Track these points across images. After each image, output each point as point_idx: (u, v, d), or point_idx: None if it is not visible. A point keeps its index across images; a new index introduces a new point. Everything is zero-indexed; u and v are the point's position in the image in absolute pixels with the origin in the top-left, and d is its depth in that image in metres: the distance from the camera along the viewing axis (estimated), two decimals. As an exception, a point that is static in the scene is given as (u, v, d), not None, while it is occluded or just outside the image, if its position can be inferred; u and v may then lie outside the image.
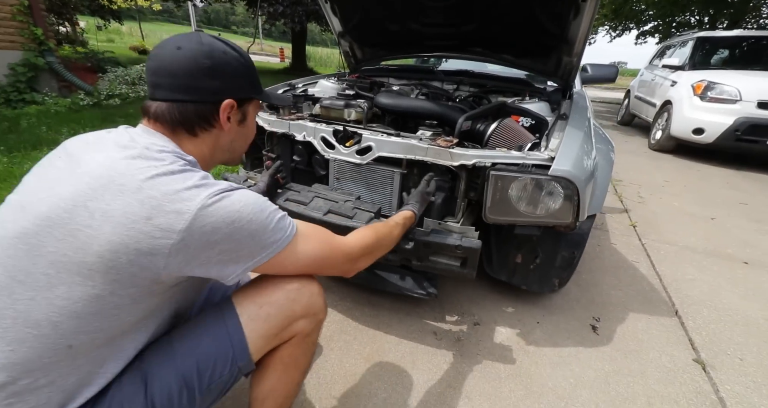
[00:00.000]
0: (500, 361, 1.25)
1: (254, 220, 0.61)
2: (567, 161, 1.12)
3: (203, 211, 0.56)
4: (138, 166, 0.57)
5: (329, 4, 1.97)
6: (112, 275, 0.53)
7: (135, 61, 6.43)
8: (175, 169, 0.59)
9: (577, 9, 1.46)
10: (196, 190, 0.57)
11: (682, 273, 1.93)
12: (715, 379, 1.24)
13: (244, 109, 0.73)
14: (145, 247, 0.53)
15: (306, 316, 0.73)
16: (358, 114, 1.45)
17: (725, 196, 3.33)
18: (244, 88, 0.72)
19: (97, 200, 0.53)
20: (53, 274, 0.52)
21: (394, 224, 0.94)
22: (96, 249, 0.52)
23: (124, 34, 18.27)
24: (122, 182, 0.55)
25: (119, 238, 0.52)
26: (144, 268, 0.54)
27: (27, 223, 0.54)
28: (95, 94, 4.02)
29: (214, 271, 0.60)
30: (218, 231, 0.57)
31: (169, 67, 0.64)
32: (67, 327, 0.53)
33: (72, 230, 0.53)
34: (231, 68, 0.68)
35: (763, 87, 4.14)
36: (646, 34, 12.11)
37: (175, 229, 0.54)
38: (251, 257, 0.62)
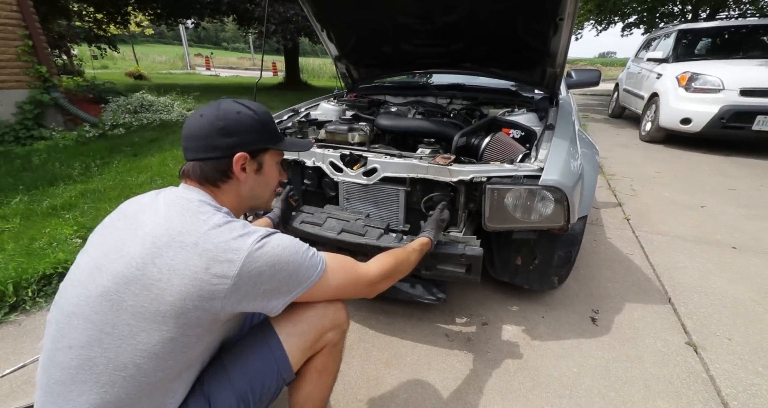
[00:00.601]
0: (509, 356, 1.37)
1: (291, 261, 0.71)
2: (555, 171, 1.24)
3: (250, 258, 0.66)
4: (190, 222, 0.68)
5: (325, 32, 2.11)
6: (182, 319, 0.63)
7: (133, 88, 6.59)
8: (219, 221, 0.69)
9: (556, 27, 1.59)
10: (241, 239, 0.68)
11: (674, 262, 2.05)
12: (706, 359, 1.35)
13: (260, 159, 0.82)
14: (206, 293, 0.64)
15: (333, 328, 0.85)
16: (361, 137, 1.57)
17: (714, 183, 3.45)
18: (257, 140, 0.80)
19: (162, 257, 0.64)
20: (134, 323, 0.62)
21: (411, 250, 1.03)
22: (168, 299, 0.62)
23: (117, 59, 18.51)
24: (181, 240, 0.65)
25: (185, 288, 0.63)
26: (206, 310, 0.65)
27: (107, 283, 0.64)
28: (100, 126, 4.16)
29: (260, 306, 0.71)
30: (263, 273, 0.68)
31: (192, 132, 0.76)
32: (148, 367, 0.63)
33: (146, 285, 0.63)
34: (244, 126, 0.78)
35: (744, 75, 4.29)
36: (631, 26, 12.31)
37: (229, 275, 0.65)
38: (290, 292, 0.73)
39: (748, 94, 4.19)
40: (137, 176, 3.07)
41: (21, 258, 1.78)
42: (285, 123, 1.92)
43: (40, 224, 2.20)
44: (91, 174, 3.11)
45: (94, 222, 2.25)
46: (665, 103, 4.78)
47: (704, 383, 1.25)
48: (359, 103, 2.13)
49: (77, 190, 2.75)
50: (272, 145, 0.84)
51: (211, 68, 19.68)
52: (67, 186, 2.83)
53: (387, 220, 1.43)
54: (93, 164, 3.27)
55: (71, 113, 4.34)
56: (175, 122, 4.98)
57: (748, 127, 4.21)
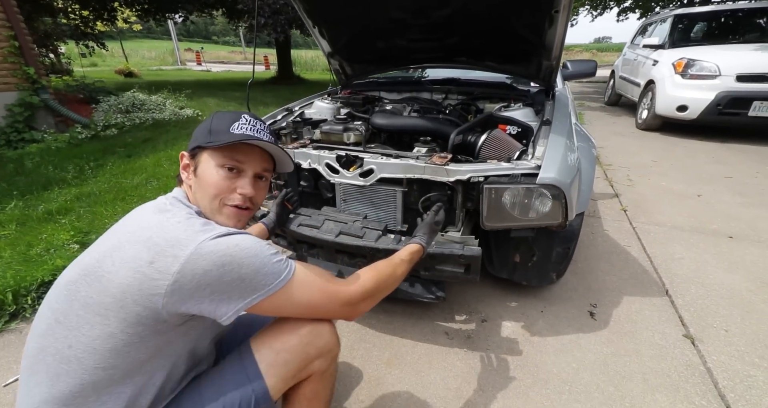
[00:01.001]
0: (508, 353, 1.38)
1: (246, 263, 0.65)
2: (552, 168, 1.24)
3: (196, 255, 0.62)
4: (157, 219, 0.68)
5: (317, 29, 2.07)
6: (122, 314, 0.61)
7: (123, 87, 6.50)
8: (180, 218, 0.68)
9: (551, 19, 1.57)
10: (194, 235, 0.65)
11: (670, 253, 2.06)
12: (703, 351, 1.37)
13: (196, 160, 0.79)
14: (146, 288, 0.61)
15: (321, 356, 0.79)
16: (356, 137, 1.56)
17: (711, 171, 3.46)
18: (197, 139, 0.80)
19: (119, 250, 0.64)
20: (82, 314, 0.62)
21: (399, 262, 0.93)
22: (111, 291, 0.62)
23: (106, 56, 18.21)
24: (140, 233, 0.65)
25: (127, 281, 0.61)
26: (146, 307, 0.62)
27: (72, 273, 0.66)
28: (92, 127, 4.10)
29: (207, 310, 0.65)
30: (209, 273, 0.63)
31: None
32: (88, 363, 0.61)
33: (98, 276, 0.63)
34: (198, 128, 0.82)
35: (740, 61, 4.27)
36: (626, 11, 12.18)
37: (171, 272, 0.61)
38: (242, 298, 0.66)
39: (744, 79, 4.18)
40: (132, 178, 3.04)
41: (19, 266, 1.77)
42: (279, 123, 1.90)
43: (36, 230, 2.18)
44: (85, 177, 3.08)
45: (90, 226, 2.24)
46: (661, 90, 4.76)
47: (701, 376, 1.27)
48: (354, 101, 2.11)
49: (72, 193, 2.72)
50: (203, 144, 0.77)
51: (202, 63, 19.42)
52: (61, 190, 2.81)
53: (385, 221, 1.42)
54: (87, 166, 3.24)
55: (62, 114, 4.28)
56: (167, 121, 4.92)
57: (745, 113, 4.20)
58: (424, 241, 1.05)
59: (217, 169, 0.77)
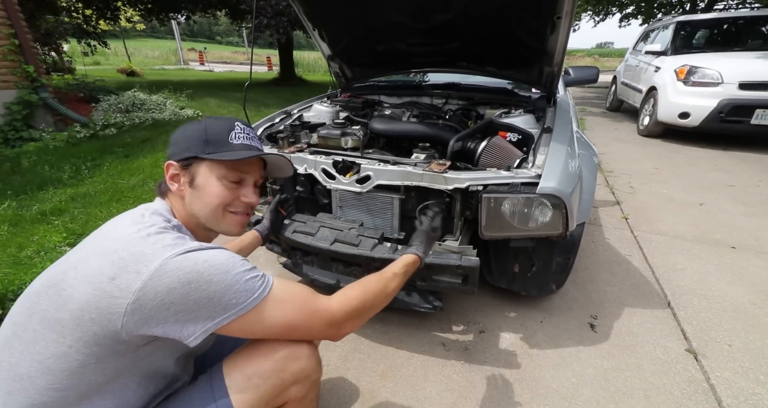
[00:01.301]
0: (506, 366, 1.35)
1: (215, 280, 0.60)
2: (553, 178, 1.20)
3: (160, 271, 0.57)
4: (127, 231, 0.63)
5: (317, 31, 2.05)
6: (77, 333, 0.57)
7: (125, 86, 6.48)
8: (152, 231, 0.63)
9: (553, 25, 1.54)
10: (162, 250, 0.60)
11: (673, 263, 2.03)
12: (706, 367, 1.34)
13: (192, 170, 0.75)
14: (105, 306, 0.56)
15: (298, 382, 0.73)
16: (354, 142, 1.53)
17: (713, 179, 3.43)
18: (189, 149, 0.75)
19: (84, 263, 0.60)
20: (38, 329, 0.58)
21: (391, 276, 0.86)
22: (69, 307, 0.57)
23: (109, 54, 18.24)
24: (107, 245, 0.61)
25: (86, 297, 0.56)
26: (104, 326, 0.56)
27: (38, 284, 0.63)
28: (91, 126, 4.08)
29: (171, 331, 0.60)
30: (173, 291, 0.58)
31: None
32: (40, 382, 0.57)
33: (59, 289, 0.59)
34: (183, 136, 0.77)
35: (743, 68, 4.25)
36: (629, 17, 12.20)
37: (132, 289, 0.56)
38: (210, 319, 0.61)
39: (747, 87, 4.15)
40: (129, 179, 3.02)
41: (8, 268, 1.74)
42: (277, 126, 1.87)
43: (28, 231, 2.15)
44: (81, 177, 3.05)
45: (84, 228, 2.21)
46: (663, 96, 4.74)
47: (705, 393, 1.23)
48: (353, 104, 2.08)
49: (67, 194, 2.69)
50: (204, 155, 0.74)
51: (205, 63, 19.46)
52: (56, 190, 2.78)
53: (382, 229, 1.39)
54: (84, 166, 3.21)
55: (61, 113, 4.25)
56: (167, 121, 4.90)
57: (747, 121, 4.18)
58: (420, 251, 0.98)
59: (219, 180, 0.76)
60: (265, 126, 1.84)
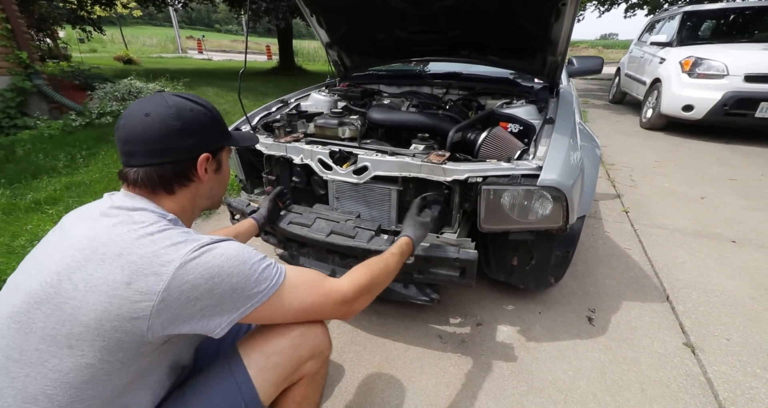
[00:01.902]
0: (503, 359, 1.34)
1: (235, 272, 0.62)
2: (554, 170, 1.18)
3: (181, 270, 0.58)
4: (119, 233, 0.60)
5: (315, 18, 1.99)
6: (98, 343, 0.55)
7: (121, 74, 6.39)
8: (153, 230, 0.61)
9: (558, 12, 1.50)
10: (174, 248, 0.59)
11: (672, 257, 2.02)
12: (704, 360, 1.33)
13: (219, 158, 0.79)
14: (126, 313, 0.55)
15: (312, 357, 0.77)
16: (352, 132, 1.50)
17: (715, 172, 3.40)
18: (215, 138, 0.77)
19: (80, 271, 0.56)
20: (44, 348, 0.55)
21: (389, 255, 0.93)
22: (82, 319, 0.55)
23: (106, 42, 17.96)
24: (103, 251, 0.58)
25: (102, 306, 0.55)
26: (128, 332, 0.56)
27: (18, 302, 0.57)
28: (86, 114, 4.01)
29: (198, 326, 0.61)
30: (198, 287, 0.59)
31: (140, 135, 0.67)
32: (62, 398, 0.55)
33: (58, 304, 0.55)
34: (201, 124, 0.73)
35: (749, 60, 4.18)
36: (634, 7, 11.99)
37: (155, 291, 0.56)
38: (235, 309, 0.63)
39: (752, 79, 4.09)
40: (125, 168, 2.98)
41: (1, 258, 1.72)
42: (273, 115, 1.83)
43: (22, 220, 2.13)
44: (76, 165, 3.02)
45: (79, 218, 2.19)
46: (667, 89, 4.67)
47: (701, 387, 1.23)
48: (352, 93, 2.04)
49: (62, 183, 2.66)
50: (227, 142, 0.82)
51: (204, 52, 19.17)
52: (51, 178, 2.75)
53: (379, 221, 1.37)
54: (79, 155, 3.17)
55: (56, 101, 4.19)
56: (164, 110, 4.82)
57: (751, 115, 4.13)
58: (411, 234, 1.04)
59: (227, 160, 0.85)
60: (261, 115, 1.81)
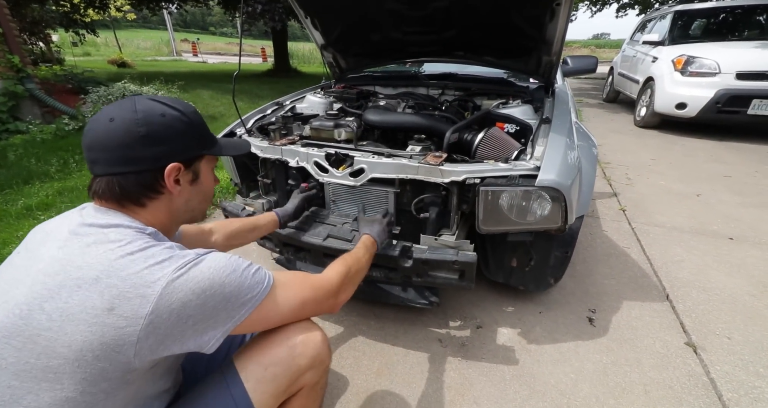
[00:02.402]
0: (504, 362, 1.32)
1: (227, 282, 0.60)
2: (552, 170, 1.17)
3: (169, 288, 0.54)
4: (94, 254, 0.55)
5: (309, 19, 1.98)
6: (79, 375, 0.51)
7: (115, 77, 6.33)
8: (133, 248, 0.56)
9: (552, 12, 1.49)
10: (159, 267, 0.56)
11: (671, 255, 2.01)
12: (706, 360, 1.32)
13: (195, 168, 0.72)
14: (110, 340, 0.51)
15: (312, 367, 0.74)
16: (348, 133, 1.48)
17: (709, 170, 3.41)
18: (190, 146, 0.70)
19: (53, 300, 0.52)
20: (18, 385, 0.50)
21: (356, 250, 1.00)
22: (59, 351, 0.50)
23: (100, 45, 17.84)
24: (78, 275, 0.53)
25: (82, 336, 0.50)
26: (113, 360, 0.52)
27: None
28: (80, 118, 3.96)
29: (190, 343, 0.58)
30: (188, 304, 0.56)
31: (102, 141, 0.62)
32: None
33: (30, 336, 0.50)
34: (172, 130, 0.66)
35: (740, 58, 4.22)
36: (626, 7, 12.10)
37: (141, 314, 0.52)
38: (230, 319, 0.61)
39: (744, 77, 4.13)
40: (118, 173, 2.94)
41: (-9, 266, 1.68)
42: (268, 117, 1.82)
43: (13, 226, 2.09)
44: (69, 170, 2.98)
45: (71, 224, 2.15)
46: (660, 87, 4.70)
47: (705, 387, 1.22)
48: (347, 95, 2.02)
49: (54, 188, 2.62)
50: (208, 151, 0.75)
51: (198, 54, 19.11)
52: (43, 184, 2.70)
53: (376, 224, 1.35)
54: (72, 160, 3.13)
55: (48, 105, 4.14)
56: (158, 113, 4.78)
57: (744, 112, 4.16)
58: (368, 231, 1.12)
59: (211, 171, 0.79)
60: (256, 117, 1.79)
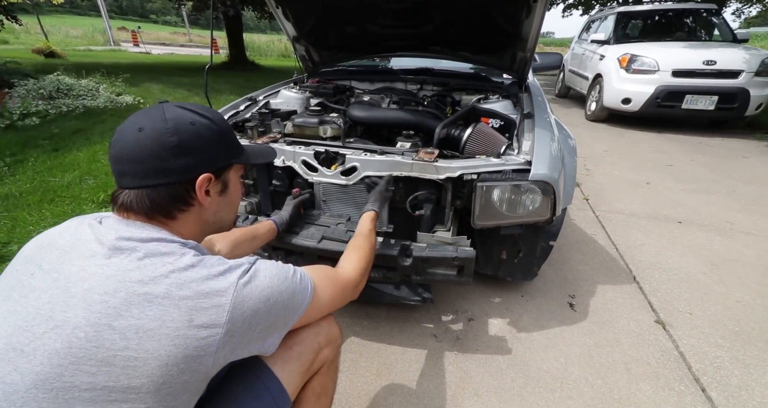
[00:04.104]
0: (498, 352, 1.36)
1: (284, 290, 0.63)
2: (543, 164, 1.20)
3: (239, 297, 0.56)
4: (153, 268, 0.53)
5: (281, 9, 1.87)
6: (164, 391, 0.51)
7: (45, 69, 5.66)
8: (190, 260, 0.57)
9: (529, 8, 1.53)
10: (223, 277, 0.57)
11: (632, 240, 2.18)
12: (674, 335, 1.45)
13: (224, 178, 0.70)
14: (193, 351, 0.52)
15: (329, 344, 0.79)
16: (334, 130, 1.43)
17: (654, 159, 3.74)
18: (221, 156, 0.68)
19: (123, 317, 0.49)
20: None
21: (368, 232, 1.00)
22: (143, 370, 0.49)
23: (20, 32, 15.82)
24: (145, 291, 0.51)
25: (166, 351, 0.50)
26: (195, 371, 0.53)
27: (40, 368, 0.47)
28: (6, 115, 3.50)
29: (255, 348, 0.61)
30: (258, 312, 0.58)
31: (132, 153, 0.59)
32: None
33: (105, 359, 0.48)
34: (203, 140, 0.63)
35: (674, 57, 4.64)
36: (570, 8, 12.88)
37: (219, 323, 0.54)
38: (286, 324, 0.65)
39: (679, 74, 4.55)
40: (62, 176, 2.64)
41: None
42: (242, 114, 1.70)
43: (-63, 242, 1.80)
44: (1, 175, 2.62)
45: (10, 235, 1.90)
46: (608, 83, 5.06)
47: (676, 361, 1.34)
48: (324, 90, 1.95)
49: (-16, 196, 2.30)
50: (236, 160, 0.72)
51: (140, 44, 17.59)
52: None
53: (369, 223, 1.32)
54: (2, 163, 2.76)
55: (-35, 100, 3.61)
56: (102, 109, 4.35)
57: (678, 106, 4.60)
58: (376, 208, 1.10)
59: (238, 180, 0.77)
60: (229, 114, 1.67)
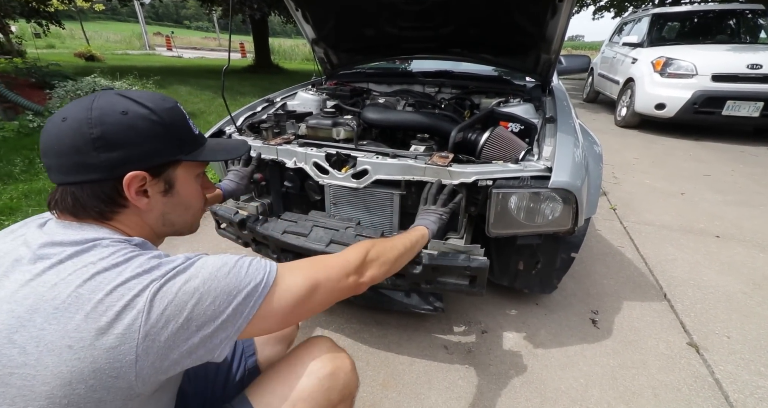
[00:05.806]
0: (512, 368, 1.29)
1: (220, 276, 0.52)
2: (565, 171, 1.13)
3: (159, 294, 0.47)
4: (70, 272, 0.47)
5: (300, 12, 1.88)
6: None
7: (83, 71, 5.97)
8: (118, 260, 0.49)
9: (554, 9, 1.46)
10: (147, 275, 0.49)
11: (664, 253, 2.04)
12: (709, 360, 1.33)
13: (167, 176, 0.60)
14: (105, 365, 0.44)
15: (343, 400, 0.67)
16: (347, 132, 1.40)
17: (689, 168, 3.52)
18: (158, 151, 0.58)
19: (25, 328, 0.43)
20: None
21: (399, 237, 0.86)
22: (42, 390, 0.43)
23: (65, 37, 16.89)
24: (54, 295, 0.45)
25: (68, 367, 0.43)
26: (111, 388, 0.45)
27: None
28: (46, 114, 3.69)
29: (201, 351, 0.50)
30: (184, 306, 0.48)
31: (54, 145, 0.53)
32: None
33: (1, 377, 0.43)
34: (135, 132, 0.55)
35: (715, 61, 4.38)
36: (602, 10, 12.47)
37: (134, 328, 0.45)
38: (238, 314, 0.52)
39: (719, 79, 4.28)
40: (91, 173, 2.75)
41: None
42: (259, 115, 1.71)
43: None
44: (36, 171, 2.76)
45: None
46: (641, 88, 4.83)
47: (711, 388, 1.22)
48: (341, 92, 1.94)
49: (20, 190, 2.42)
50: (185, 156, 0.61)
51: (173, 49, 18.40)
52: (6, 186, 2.49)
53: (380, 228, 1.29)
54: (38, 159, 2.91)
55: (10, 100, 3.84)
56: (133, 110, 4.53)
57: (718, 112, 4.32)
58: (429, 225, 0.96)
59: (194, 179, 0.66)
60: (246, 115, 1.68)
